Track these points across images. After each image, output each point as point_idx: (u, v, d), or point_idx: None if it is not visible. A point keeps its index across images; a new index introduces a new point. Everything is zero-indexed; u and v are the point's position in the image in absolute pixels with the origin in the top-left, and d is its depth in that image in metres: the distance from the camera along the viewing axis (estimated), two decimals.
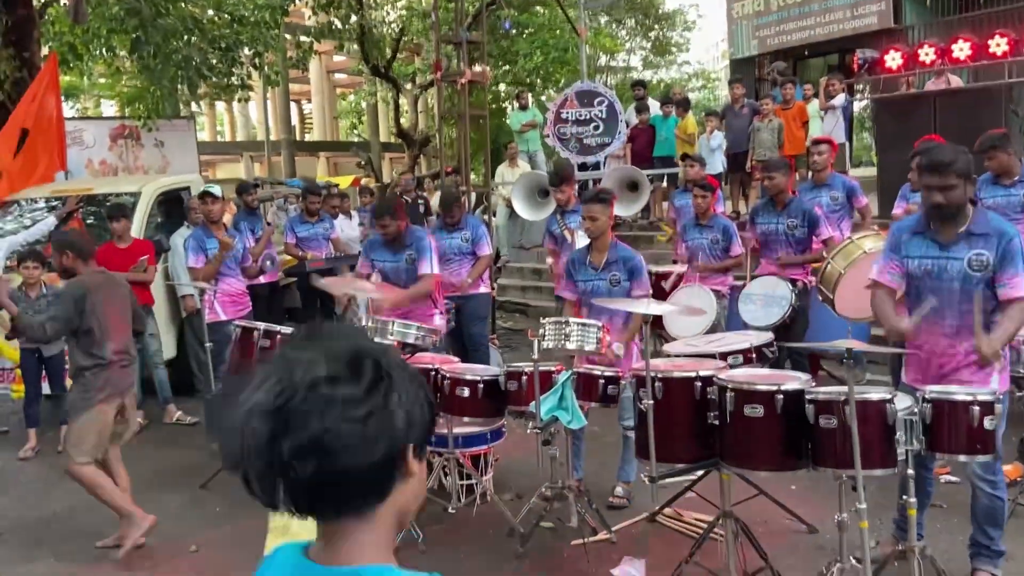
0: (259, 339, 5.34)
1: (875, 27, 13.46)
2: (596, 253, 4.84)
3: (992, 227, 3.44)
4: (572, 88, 9.84)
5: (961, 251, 3.45)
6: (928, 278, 3.53)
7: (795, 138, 9.81)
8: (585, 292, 4.85)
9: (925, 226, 3.56)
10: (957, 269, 3.45)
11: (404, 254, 5.65)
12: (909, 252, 3.61)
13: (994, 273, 3.40)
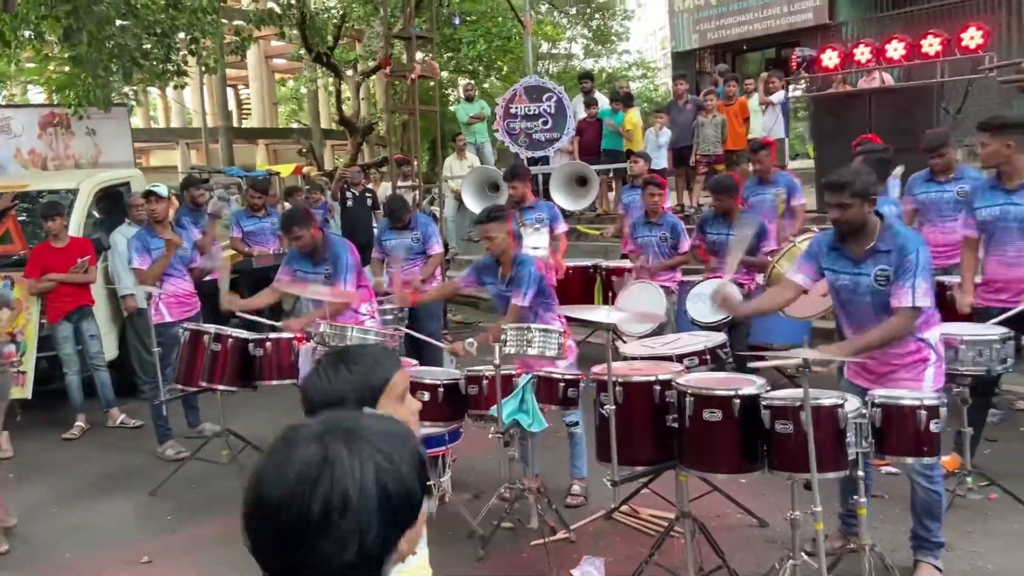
0: (209, 343, 5.25)
1: (811, 23, 13.76)
2: (504, 266, 4.83)
3: (895, 243, 3.59)
4: (521, 83, 9.85)
5: (868, 267, 3.62)
6: (845, 292, 3.73)
7: (737, 134, 10.00)
8: (494, 297, 4.92)
9: (839, 240, 3.73)
10: (867, 284, 3.63)
11: (322, 269, 5.48)
12: (829, 265, 3.80)
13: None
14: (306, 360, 5.14)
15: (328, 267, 5.42)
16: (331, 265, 5.40)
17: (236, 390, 5.33)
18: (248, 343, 5.19)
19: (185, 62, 15.11)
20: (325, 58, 21.35)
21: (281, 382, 5.20)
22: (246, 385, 5.30)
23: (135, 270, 6.13)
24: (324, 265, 5.43)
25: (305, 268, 5.54)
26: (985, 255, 4.73)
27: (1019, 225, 4.55)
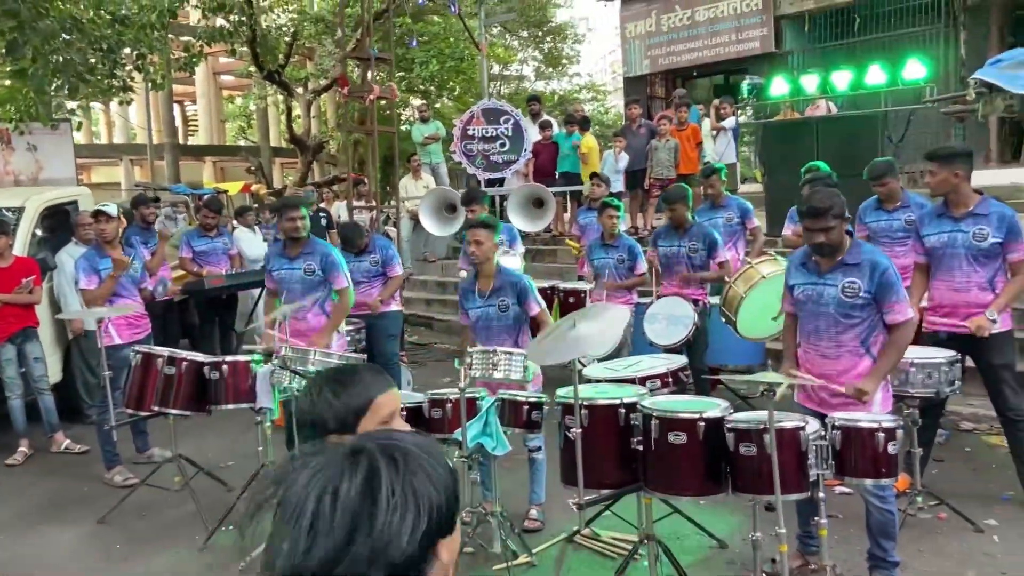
0: (163, 366, 5.13)
1: (758, 51, 14.11)
2: (483, 279, 4.84)
3: (864, 258, 3.76)
4: (479, 105, 9.90)
5: (836, 279, 3.76)
6: (809, 303, 3.86)
7: (689, 158, 10.17)
8: (476, 320, 4.86)
9: (808, 257, 3.91)
10: (831, 295, 3.76)
11: (302, 263, 5.52)
12: (794, 281, 3.95)
13: (876, 302, 3.71)
14: (263, 383, 5.06)
15: (310, 262, 5.46)
16: (318, 263, 5.45)
17: (190, 414, 5.20)
18: (204, 366, 5.09)
19: (131, 78, 14.86)
20: (276, 76, 21.21)
21: (238, 406, 5.10)
22: (201, 409, 5.19)
23: (82, 291, 5.96)
24: (306, 260, 5.47)
25: (280, 265, 5.55)
26: (932, 280, 4.88)
27: (966, 251, 4.70)
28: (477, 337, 4.83)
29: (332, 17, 23.53)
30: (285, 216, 5.55)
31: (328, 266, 5.55)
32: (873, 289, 3.67)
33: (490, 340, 4.72)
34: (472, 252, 4.75)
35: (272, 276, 5.68)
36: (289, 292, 5.60)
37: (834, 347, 3.74)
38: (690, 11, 14.86)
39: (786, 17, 13.93)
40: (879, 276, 3.67)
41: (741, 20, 14.20)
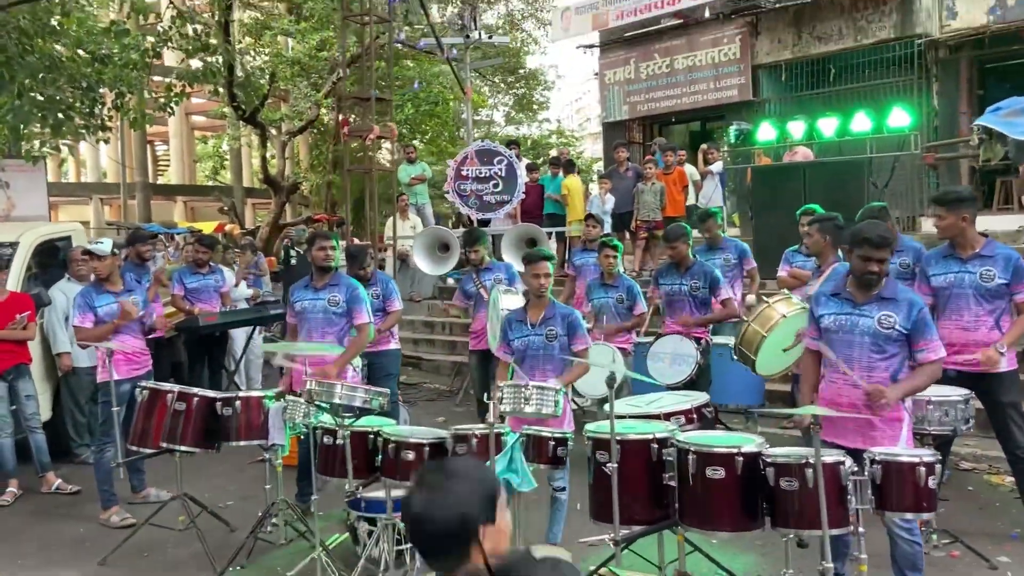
0: (172, 402, 5.02)
1: (736, 99, 14.43)
2: (534, 310, 4.89)
3: (901, 295, 3.83)
4: (473, 146, 9.99)
5: (872, 311, 3.80)
6: (841, 332, 3.88)
7: (675, 201, 10.32)
8: (519, 349, 4.87)
9: (841, 288, 3.95)
10: (868, 325, 3.80)
11: (327, 294, 5.52)
12: (823, 311, 3.98)
13: (909, 339, 3.76)
14: (276, 420, 4.98)
15: (335, 293, 5.47)
16: (343, 294, 5.48)
17: (199, 451, 5.09)
18: (216, 402, 4.99)
19: (109, 116, 14.76)
20: (253, 117, 21.25)
21: (250, 442, 5.00)
22: (210, 446, 5.08)
23: (76, 327, 5.82)
24: (331, 291, 5.49)
25: (304, 296, 5.54)
26: (940, 319, 4.97)
27: (974, 291, 4.81)
28: (520, 367, 4.81)
29: (307, 60, 23.64)
30: (317, 245, 5.58)
31: (353, 299, 5.56)
32: (909, 326, 3.73)
33: (534, 370, 4.70)
34: (535, 287, 4.78)
35: (293, 308, 5.64)
36: (309, 324, 5.54)
37: (864, 378, 3.76)
38: (668, 59, 15.19)
39: (763, 66, 14.29)
40: (916, 313, 3.74)
41: (719, 69, 14.54)
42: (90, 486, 6.08)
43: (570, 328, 4.82)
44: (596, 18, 15.46)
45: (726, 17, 14.53)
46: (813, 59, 13.76)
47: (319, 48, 23.49)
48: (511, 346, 4.92)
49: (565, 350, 4.82)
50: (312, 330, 5.54)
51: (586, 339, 4.90)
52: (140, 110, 16.00)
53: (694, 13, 14.76)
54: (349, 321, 5.57)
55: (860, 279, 3.81)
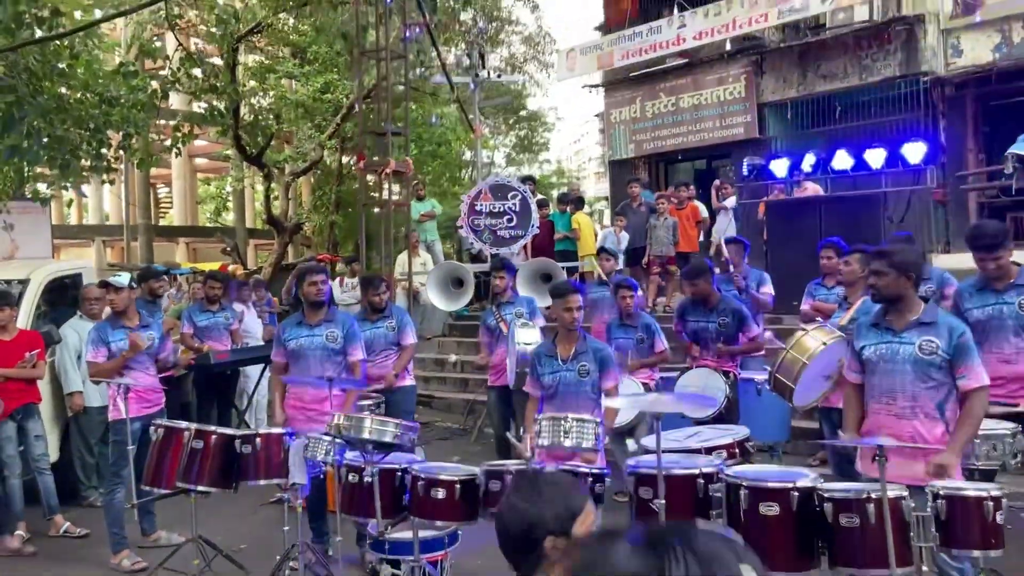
0: (189, 440, 4.84)
1: (741, 136, 14.42)
2: (564, 345, 4.78)
3: (941, 319, 3.73)
4: (486, 182, 9.95)
5: (912, 337, 3.68)
6: (882, 362, 3.76)
7: (688, 236, 10.24)
8: (551, 385, 4.74)
9: (880, 317, 3.85)
10: (909, 352, 3.68)
11: (323, 331, 5.39)
12: (863, 342, 3.86)
13: (951, 365, 3.63)
14: (296, 458, 4.79)
15: (334, 329, 5.38)
16: (340, 330, 5.39)
17: (215, 491, 4.90)
18: (235, 439, 4.81)
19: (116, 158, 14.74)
20: (256, 158, 21.35)
21: (269, 481, 4.82)
22: (228, 485, 4.90)
23: (89, 363, 5.66)
24: (329, 327, 5.39)
25: (300, 334, 5.40)
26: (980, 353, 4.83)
27: (1014, 323, 4.67)
28: (549, 404, 4.69)
29: (312, 102, 23.79)
30: (307, 280, 5.45)
31: (350, 335, 5.47)
32: (951, 351, 3.61)
33: (565, 406, 4.56)
34: (566, 320, 4.69)
35: (285, 348, 5.47)
36: (304, 361, 5.39)
37: (909, 409, 3.64)
38: (674, 98, 15.21)
39: (769, 104, 14.30)
40: (957, 337, 3.62)
41: (725, 107, 14.56)
42: (99, 529, 5.88)
43: (602, 364, 4.71)
44: (601, 58, 15.51)
45: (731, 56, 14.58)
46: (819, 97, 13.77)
47: (323, 91, 23.63)
48: (541, 381, 4.79)
49: (596, 386, 4.69)
50: (309, 369, 5.37)
51: (617, 376, 4.77)
52: (147, 151, 16.04)
53: (699, 53, 14.81)
54: (346, 358, 5.43)
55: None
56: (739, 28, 13.69)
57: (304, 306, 5.54)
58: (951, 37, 12.43)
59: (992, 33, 12.02)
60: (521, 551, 1.87)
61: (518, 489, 1.93)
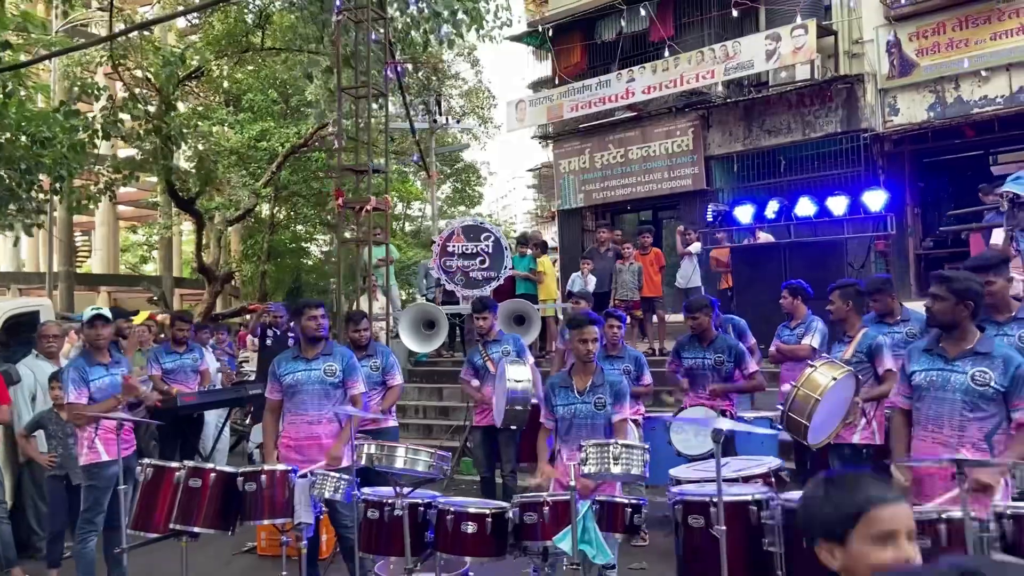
0: (185, 479, 4.52)
1: (690, 188, 14.80)
2: (580, 377, 4.72)
3: (996, 351, 3.70)
4: (458, 223, 9.88)
5: (966, 366, 3.68)
6: (932, 388, 3.74)
7: (652, 281, 10.34)
8: (565, 418, 4.66)
9: (934, 343, 3.84)
10: (960, 381, 3.66)
11: (321, 364, 5.23)
12: (917, 367, 3.85)
13: (1005, 397, 3.60)
14: (302, 496, 4.54)
15: (332, 362, 5.23)
16: (338, 363, 5.24)
17: (213, 532, 4.58)
18: (236, 477, 4.53)
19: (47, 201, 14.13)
20: (190, 205, 20.90)
21: (273, 521, 4.54)
22: (228, 527, 4.59)
23: (69, 405, 5.28)
24: (327, 361, 5.24)
25: (296, 368, 5.21)
26: None
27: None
28: (563, 437, 4.60)
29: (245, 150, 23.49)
30: (307, 315, 5.28)
31: (349, 368, 5.33)
32: (1007, 383, 3.59)
33: (579, 439, 4.44)
34: (583, 352, 4.61)
35: (281, 383, 5.25)
36: (303, 397, 5.18)
37: (956, 437, 3.62)
38: (623, 150, 15.54)
39: (715, 157, 14.74)
40: (1014, 370, 3.58)
41: (673, 159, 14.93)
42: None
43: (617, 396, 4.68)
44: (551, 110, 15.77)
45: (679, 110, 15.02)
46: (763, 151, 14.27)
47: (258, 139, 23.36)
48: (555, 413, 4.70)
49: (610, 419, 4.63)
50: (307, 404, 5.20)
51: (627, 410, 4.73)
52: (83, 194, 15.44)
53: (647, 106, 15.21)
54: (345, 393, 5.26)
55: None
56: (686, 83, 14.14)
57: (302, 340, 5.35)
58: (888, 96, 13.08)
59: (927, 94, 12.70)
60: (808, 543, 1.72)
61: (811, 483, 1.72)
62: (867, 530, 1.59)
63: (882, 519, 1.59)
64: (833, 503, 1.64)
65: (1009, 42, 11.85)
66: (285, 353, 5.49)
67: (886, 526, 1.59)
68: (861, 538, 1.59)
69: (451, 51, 13.67)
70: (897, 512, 1.61)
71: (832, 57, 13.73)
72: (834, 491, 1.66)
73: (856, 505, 1.61)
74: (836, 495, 1.65)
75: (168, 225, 27.06)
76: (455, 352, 11.55)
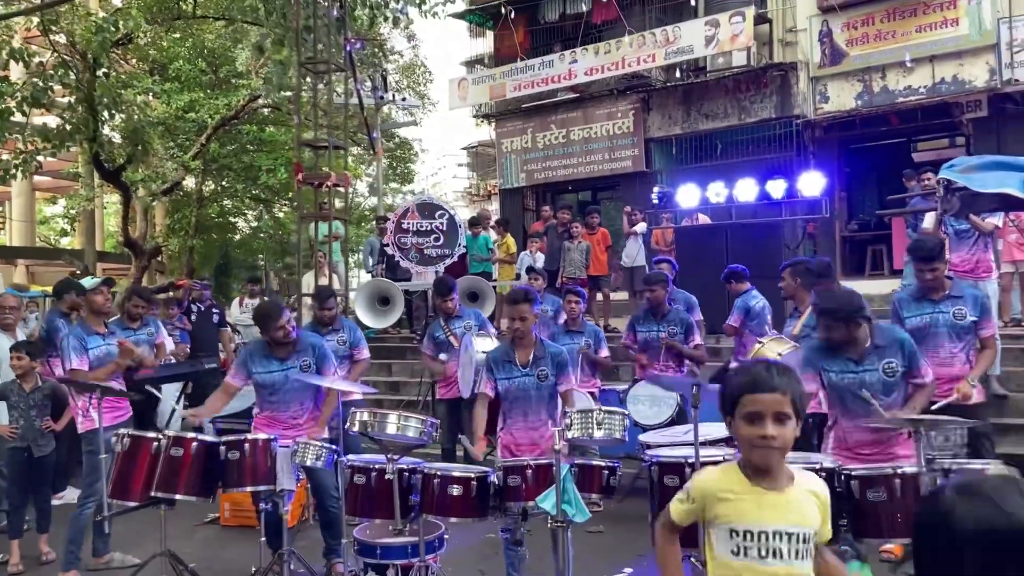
0: (167, 447, 4.59)
1: (629, 169, 15.17)
2: (522, 351, 4.75)
3: (889, 337, 4.24)
4: (414, 200, 9.96)
5: (874, 362, 4.15)
6: (852, 387, 4.17)
7: (599, 260, 10.65)
8: (510, 391, 4.73)
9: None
10: (875, 378, 4.14)
11: (296, 362, 5.21)
12: (829, 367, 4.24)
13: (906, 374, 4.17)
14: (284, 463, 4.67)
15: (306, 358, 5.20)
16: (310, 356, 5.21)
17: (196, 500, 4.68)
18: (219, 446, 4.62)
19: None
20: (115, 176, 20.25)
21: (255, 488, 4.66)
22: (207, 495, 4.69)
23: (72, 371, 5.28)
24: (300, 357, 5.20)
25: (270, 367, 5.16)
26: None
27: (948, 330, 5.24)
28: (506, 410, 4.75)
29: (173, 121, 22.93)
30: (272, 328, 5.14)
31: (322, 359, 5.34)
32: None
33: (527, 412, 4.67)
34: (516, 329, 4.68)
35: (250, 378, 5.23)
36: (282, 396, 5.21)
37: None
38: (565, 130, 15.80)
39: (655, 140, 15.14)
40: (908, 349, 4.21)
41: (614, 141, 15.27)
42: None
43: (559, 367, 4.73)
44: (493, 89, 15.91)
45: (620, 93, 15.34)
46: (701, 135, 14.73)
47: (187, 110, 22.78)
48: (497, 385, 4.76)
49: (554, 390, 4.73)
50: (288, 402, 5.22)
51: (571, 379, 4.84)
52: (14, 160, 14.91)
53: (589, 88, 15.49)
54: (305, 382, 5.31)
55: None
56: (628, 67, 14.47)
57: (272, 343, 5.29)
58: (819, 84, 13.66)
59: (855, 82, 13.31)
60: None
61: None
62: (743, 410, 2.13)
63: (751, 402, 2.12)
64: (729, 386, 2.19)
65: (933, 35, 12.51)
66: (256, 346, 5.35)
67: (754, 407, 2.12)
68: (739, 416, 2.14)
69: (396, 28, 13.66)
70: (762, 398, 2.10)
71: (767, 45, 14.24)
72: (731, 377, 2.21)
73: (739, 388, 2.14)
74: (731, 380, 2.20)
75: (91, 197, 26.23)
76: (401, 329, 11.66)
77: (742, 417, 2.13)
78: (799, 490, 2.20)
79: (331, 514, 5.25)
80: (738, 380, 2.18)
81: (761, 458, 2.14)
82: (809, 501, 2.21)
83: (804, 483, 2.24)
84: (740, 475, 2.19)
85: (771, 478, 2.18)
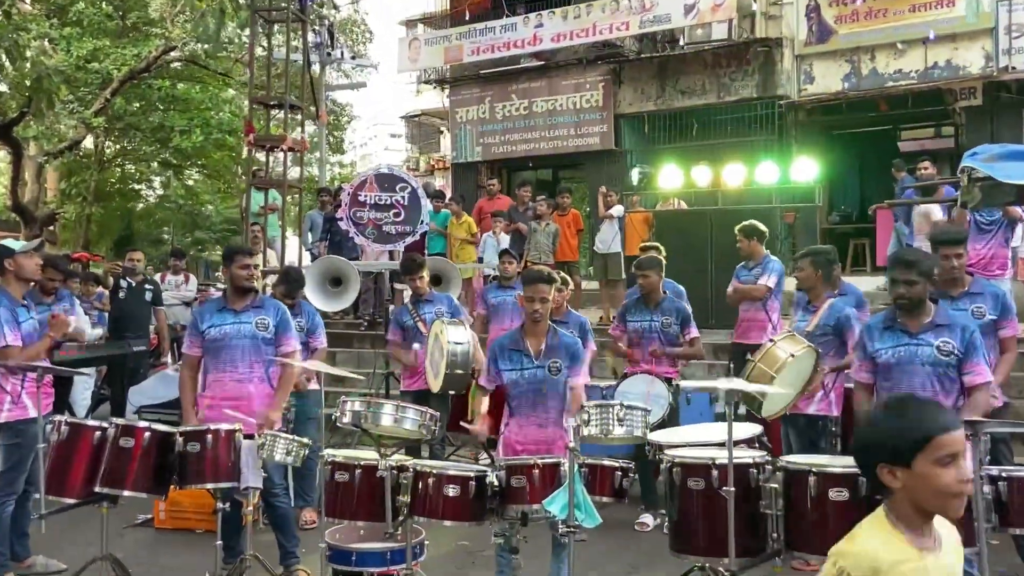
0: (116, 437, 4.41)
1: (597, 147, 15.20)
2: (533, 339, 4.68)
3: (952, 320, 4.28)
4: (372, 170, 9.74)
5: (930, 338, 4.23)
6: (901, 363, 4.26)
7: (569, 244, 10.63)
8: (517, 383, 4.66)
9: (891, 320, 4.37)
10: (928, 354, 4.21)
11: (252, 317, 5.17)
12: (881, 345, 4.34)
13: (960, 362, 4.19)
14: (249, 458, 4.54)
15: (264, 317, 5.19)
16: (271, 316, 5.22)
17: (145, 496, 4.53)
18: (175, 437, 4.47)
19: None
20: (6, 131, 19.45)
21: (217, 485, 4.52)
22: (159, 491, 4.54)
23: (7, 348, 5.03)
24: (258, 313, 5.21)
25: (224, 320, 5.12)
26: None
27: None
28: (513, 406, 4.69)
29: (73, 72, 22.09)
30: (237, 262, 5.17)
31: (283, 323, 5.27)
32: (963, 348, 4.17)
33: (535, 406, 4.61)
34: (533, 311, 4.60)
35: (204, 337, 5.16)
36: (231, 353, 5.11)
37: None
38: (527, 101, 15.73)
39: (625, 116, 15.20)
40: (969, 335, 4.18)
41: (580, 115, 15.27)
42: None
43: (573, 358, 4.70)
44: (449, 51, 15.76)
45: (589, 63, 15.34)
46: (675, 112, 14.83)
47: (89, 59, 21.98)
48: (501, 377, 4.70)
49: (566, 383, 4.72)
50: (236, 360, 5.11)
51: (583, 373, 4.86)
52: None
53: (555, 56, 15.45)
54: (276, 351, 5.24)
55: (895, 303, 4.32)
56: (599, 34, 14.49)
57: (229, 290, 5.27)
58: (805, 63, 13.88)
59: (843, 63, 13.55)
60: (862, 468, 2.05)
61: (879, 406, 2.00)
62: (934, 454, 1.91)
63: (947, 444, 1.92)
64: (899, 429, 1.96)
65: (928, 15, 12.79)
66: (209, 304, 5.40)
67: (951, 449, 1.92)
68: (927, 461, 1.91)
69: None
70: (957, 437, 1.96)
71: (749, 18, 14.38)
72: (899, 419, 1.99)
73: (926, 430, 1.93)
74: (902, 422, 1.97)
75: None
76: (346, 314, 11.49)
77: (934, 462, 1.91)
78: (948, 543, 2.04)
79: (280, 511, 5.17)
80: (923, 420, 1.96)
81: (958, 509, 1.96)
82: (959, 554, 2.09)
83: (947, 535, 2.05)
84: (899, 535, 1.95)
85: (930, 536, 1.98)
